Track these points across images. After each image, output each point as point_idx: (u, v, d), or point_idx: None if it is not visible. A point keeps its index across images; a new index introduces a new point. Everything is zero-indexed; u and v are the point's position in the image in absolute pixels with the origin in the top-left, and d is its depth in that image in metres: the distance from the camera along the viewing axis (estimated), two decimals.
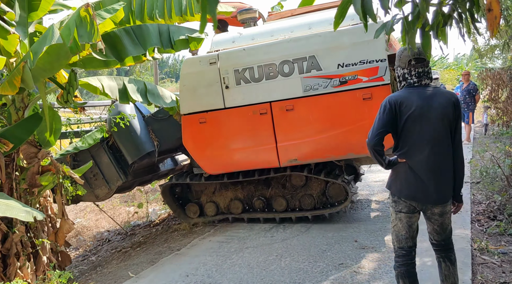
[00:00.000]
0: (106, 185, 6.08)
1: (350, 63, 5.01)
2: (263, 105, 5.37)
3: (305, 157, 5.40)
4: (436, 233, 2.97)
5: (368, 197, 6.83)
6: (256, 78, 5.36)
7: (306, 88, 5.20)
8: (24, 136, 4.47)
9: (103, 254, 6.49)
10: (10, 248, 4.76)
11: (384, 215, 5.77)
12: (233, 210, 6.14)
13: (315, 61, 5.12)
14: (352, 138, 5.13)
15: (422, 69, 2.86)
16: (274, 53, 5.26)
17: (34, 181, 4.87)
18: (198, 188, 6.44)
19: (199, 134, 5.70)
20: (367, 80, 4.98)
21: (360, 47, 4.96)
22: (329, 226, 5.55)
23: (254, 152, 5.54)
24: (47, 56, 4.10)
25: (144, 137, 6.01)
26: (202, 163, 5.80)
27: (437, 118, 2.78)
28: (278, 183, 6.06)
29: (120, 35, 4.94)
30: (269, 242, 5.18)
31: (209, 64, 5.50)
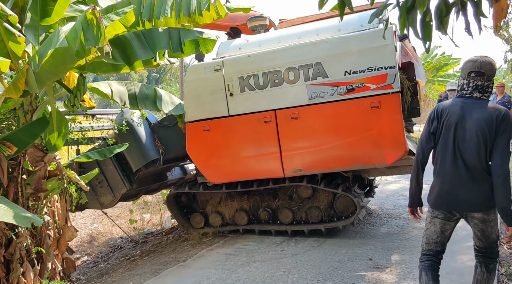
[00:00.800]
0: (110, 192, 5.98)
1: (358, 70, 4.81)
2: (268, 113, 5.21)
3: (310, 167, 5.19)
4: (477, 238, 2.98)
5: (388, 211, 6.48)
6: (261, 86, 5.21)
7: (312, 96, 5.01)
8: (29, 140, 4.40)
9: (113, 261, 6.39)
10: (14, 253, 4.70)
11: (403, 232, 5.43)
12: (238, 221, 5.96)
13: (321, 68, 4.94)
14: (359, 148, 4.92)
15: (480, 83, 2.83)
16: (280, 59, 5.11)
17: (40, 185, 4.80)
18: (204, 197, 6.29)
19: (203, 143, 5.57)
20: (375, 88, 4.77)
21: (368, 53, 4.75)
22: (343, 241, 5.27)
23: (258, 161, 5.36)
24: (53, 59, 4.02)
25: (149, 145, 5.91)
26: (206, 172, 5.66)
27: (471, 130, 2.79)
28: (285, 194, 5.86)
29: (130, 39, 4.85)
30: (278, 257, 4.93)
31: (213, 71, 5.38)
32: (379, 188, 8.32)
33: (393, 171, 5.28)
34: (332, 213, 5.60)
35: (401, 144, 4.75)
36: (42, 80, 4.16)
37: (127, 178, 5.94)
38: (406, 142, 4.83)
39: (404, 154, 4.87)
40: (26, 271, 4.78)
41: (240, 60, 5.32)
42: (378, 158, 4.88)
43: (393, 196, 7.55)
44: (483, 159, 2.78)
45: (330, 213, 5.60)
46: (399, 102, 4.73)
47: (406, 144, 4.78)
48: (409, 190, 3.12)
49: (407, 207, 3.15)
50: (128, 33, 4.87)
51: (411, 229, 5.49)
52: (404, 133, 4.81)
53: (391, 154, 4.82)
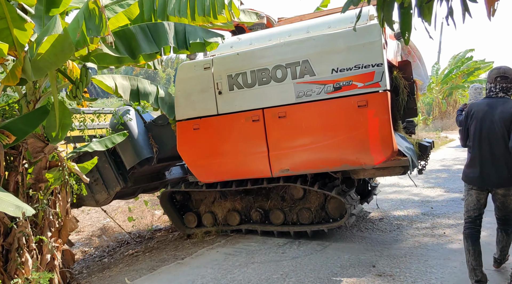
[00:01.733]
0: (105, 190, 6.00)
1: (345, 68, 4.68)
2: (256, 112, 5.12)
3: (298, 167, 5.07)
4: (498, 209, 3.73)
5: (401, 218, 6.19)
6: (249, 84, 5.13)
7: (299, 94, 4.90)
8: (29, 129, 4.38)
9: (117, 256, 6.35)
10: (13, 242, 4.69)
11: (413, 240, 5.15)
12: (230, 221, 5.90)
13: (308, 66, 4.83)
14: (346, 148, 4.78)
15: (505, 85, 3.53)
16: (267, 57, 5.03)
17: (41, 176, 4.79)
18: (198, 196, 6.26)
19: (192, 141, 5.52)
20: (363, 86, 4.62)
21: (355, 50, 4.63)
22: (348, 246, 5.04)
23: (246, 161, 5.28)
24: (52, 48, 3.98)
25: (143, 143, 5.89)
26: (196, 171, 5.61)
27: (496, 122, 3.46)
28: (277, 194, 5.76)
29: (135, 32, 4.78)
30: (278, 259, 4.76)
31: (203, 69, 5.35)
32: (393, 192, 8.03)
33: (383, 172, 5.08)
34: (324, 215, 5.47)
35: (389, 144, 4.60)
36: (42, 69, 4.12)
37: (122, 176, 5.95)
38: (394, 142, 4.65)
39: (392, 155, 4.70)
40: (25, 261, 4.79)
41: (229, 58, 5.27)
42: (365, 158, 4.74)
43: (408, 202, 7.24)
44: (506, 143, 3.42)
45: (322, 215, 5.47)
46: (387, 101, 4.57)
47: (393, 145, 4.63)
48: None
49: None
50: (133, 26, 4.81)
51: (421, 237, 5.21)
52: (392, 133, 4.62)
53: (378, 154, 4.67)
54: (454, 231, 5.30)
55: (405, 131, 6.04)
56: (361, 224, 5.99)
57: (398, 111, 5.48)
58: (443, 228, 5.47)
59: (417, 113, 5.64)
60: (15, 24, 4.13)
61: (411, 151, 5.16)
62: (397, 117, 5.52)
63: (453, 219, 5.83)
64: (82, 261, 6.80)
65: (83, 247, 7.71)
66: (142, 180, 6.47)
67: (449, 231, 5.34)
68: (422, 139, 6.00)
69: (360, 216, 6.44)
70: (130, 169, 5.94)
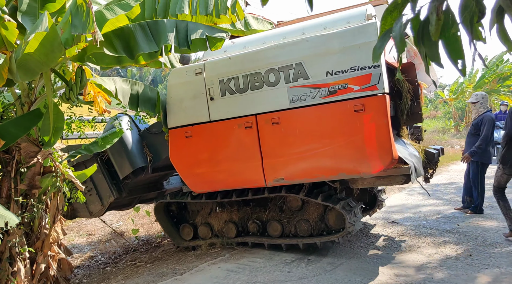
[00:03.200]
0: (99, 201, 5.78)
1: (340, 71, 4.40)
2: (248, 118, 4.88)
3: (293, 176, 4.79)
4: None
5: (423, 235, 5.67)
6: (241, 89, 4.89)
7: (293, 99, 4.64)
8: (20, 133, 4.14)
9: (121, 265, 6.08)
10: (4, 251, 4.48)
11: (435, 262, 4.64)
12: (227, 233, 5.63)
13: (302, 69, 4.57)
14: (343, 156, 4.50)
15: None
16: (260, 61, 4.77)
17: (34, 182, 4.57)
18: (194, 207, 6.01)
19: (185, 150, 5.29)
20: (359, 89, 4.32)
21: (351, 52, 4.34)
22: (360, 267, 4.59)
23: (239, 170, 5.00)
24: (42, 47, 3.73)
25: (137, 152, 5.66)
26: (188, 181, 5.37)
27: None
28: (275, 205, 5.47)
29: (134, 30, 4.51)
30: (283, 279, 4.36)
31: (195, 74, 5.12)
32: (414, 206, 7.49)
33: (383, 181, 4.72)
34: (323, 227, 5.17)
35: (388, 151, 4.28)
36: (33, 70, 3.88)
37: (116, 186, 5.72)
38: (394, 149, 4.32)
39: (392, 162, 4.34)
40: (17, 270, 4.57)
41: (221, 62, 5.03)
42: (363, 166, 4.42)
43: (431, 215, 6.69)
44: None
45: (321, 226, 5.18)
46: (385, 105, 4.27)
47: (393, 151, 4.30)
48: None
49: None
50: (132, 24, 4.53)
51: (444, 260, 4.70)
52: (392, 139, 4.29)
53: (377, 162, 4.35)
54: (482, 256, 4.76)
55: (412, 138, 5.73)
56: (377, 241, 5.51)
57: (401, 116, 5.18)
58: (469, 250, 4.93)
59: (422, 119, 5.30)
60: (1, 22, 3.90)
61: (415, 158, 4.84)
62: (401, 122, 5.27)
63: (480, 239, 5.27)
64: (87, 268, 6.58)
65: (91, 252, 7.52)
66: (138, 190, 6.25)
67: (476, 253, 4.80)
68: (429, 146, 5.70)
69: (378, 233, 5.96)
70: (124, 179, 5.70)
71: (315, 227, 5.19)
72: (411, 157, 4.75)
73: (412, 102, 5.15)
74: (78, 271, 6.41)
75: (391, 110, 5.05)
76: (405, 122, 5.27)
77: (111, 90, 4.80)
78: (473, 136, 6.47)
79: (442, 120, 29.73)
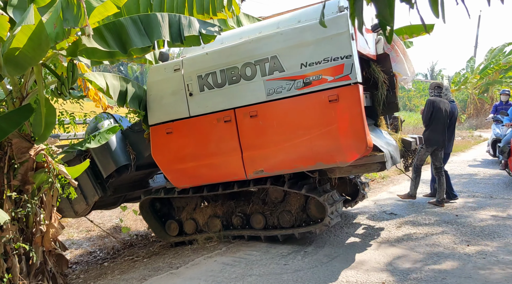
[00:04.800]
0: (84, 200, 5.77)
1: (314, 62, 4.48)
2: (227, 112, 4.94)
3: (272, 167, 4.86)
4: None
5: (419, 225, 5.63)
6: (219, 84, 4.95)
7: (270, 92, 4.70)
8: (10, 128, 4.11)
9: (118, 260, 6.07)
10: None
11: (432, 257, 4.60)
12: (212, 227, 5.68)
13: (277, 61, 4.64)
14: (320, 146, 4.58)
15: None
16: (236, 55, 4.84)
17: (27, 177, 4.55)
18: (179, 204, 6.07)
19: (166, 146, 5.34)
20: (333, 79, 4.41)
21: (324, 43, 4.43)
22: (358, 259, 4.56)
23: (220, 163, 5.06)
24: (30, 41, 3.70)
25: (120, 151, 5.67)
26: (170, 176, 5.44)
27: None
28: (259, 198, 5.56)
29: (126, 24, 4.45)
30: (279, 272, 4.33)
31: (173, 71, 5.17)
32: None
33: (360, 169, 4.86)
34: (305, 217, 5.27)
35: (362, 139, 4.38)
36: (21, 65, 3.84)
37: (100, 185, 5.72)
38: (369, 137, 4.42)
39: (367, 150, 4.44)
40: (12, 266, 4.56)
41: (198, 58, 5.08)
42: (339, 155, 4.52)
43: (430, 209, 6.63)
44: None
45: (303, 217, 5.27)
46: (358, 94, 4.37)
47: (367, 140, 4.39)
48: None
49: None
50: (124, 18, 4.48)
51: (442, 250, 4.65)
52: (366, 128, 4.38)
53: (352, 150, 4.45)
54: (483, 247, 4.71)
55: (391, 128, 5.87)
56: (376, 233, 5.47)
57: (378, 106, 5.32)
58: (468, 238, 4.89)
59: (398, 108, 5.53)
60: None
61: (392, 147, 4.96)
62: (378, 112, 5.42)
63: (478, 230, 5.23)
64: (85, 263, 6.57)
65: (90, 247, 7.52)
66: (123, 188, 6.25)
67: (474, 243, 4.76)
68: (406, 135, 5.86)
69: (375, 225, 5.92)
70: (108, 177, 5.71)
71: (297, 218, 5.25)
72: (387, 146, 4.85)
73: (388, 92, 5.29)
74: (76, 266, 6.40)
75: (367, 100, 5.25)
76: (382, 112, 5.43)
77: (102, 87, 4.77)
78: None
79: None
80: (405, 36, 9.25)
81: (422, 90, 30.38)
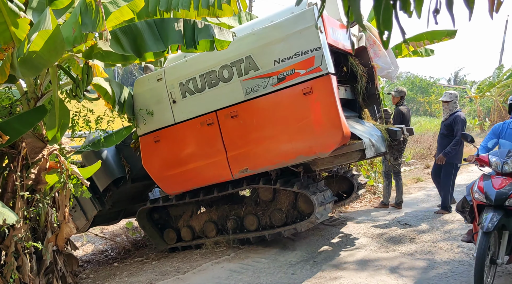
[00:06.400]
0: (83, 216, 5.89)
1: (286, 58, 4.60)
2: (209, 116, 5.06)
3: (255, 165, 4.94)
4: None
5: (434, 237, 5.47)
6: (199, 88, 5.09)
7: (247, 91, 4.83)
8: (24, 129, 4.17)
9: (128, 261, 6.10)
10: (9, 245, 4.53)
11: (445, 267, 4.47)
12: (208, 233, 5.74)
13: (251, 61, 4.77)
14: (298, 139, 4.66)
15: None
16: (213, 59, 4.95)
17: (40, 177, 4.60)
18: (176, 212, 6.16)
19: (155, 154, 5.46)
20: (305, 72, 4.52)
21: (293, 38, 4.54)
22: (373, 271, 4.44)
23: (207, 166, 5.16)
24: (46, 44, 3.73)
25: (114, 164, 5.80)
26: (161, 184, 5.56)
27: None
28: (251, 199, 5.66)
29: (142, 28, 4.46)
30: (286, 282, 4.27)
31: (156, 81, 5.32)
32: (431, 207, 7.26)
33: (341, 159, 4.88)
34: (296, 213, 5.31)
35: (338, 128, 4.44)
36: (36, 66, 3.88)
37: (98, 200, 5.82)
38: (345, 126, 4.46)
39: (344, 138, 4.49)
40: (22, 265, 4.62)
41: (179, 66, 5.23)
42: (317, 146, 4.59)
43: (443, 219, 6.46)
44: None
45: (294, 214, 5.31)
46: (331, 84, 4.44)
47: (343, 128, 4.45)
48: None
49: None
50: (140, 22, 4.49)
51: (460, 259, 4.51)
52: (341, 116, 4.43)
53: (329, 140, 4.52)
54: None
55: (380, 121, 5.98)
56: (389, 243, 5.35)
57: (358, 98, 5.43)
58: None
59: (379, 100, 5.59)
60: (11, 19, 3.91)
61: (375, 136, 5.00)
62: (362, 105, 5.52)
63: None
64: (96, 263, 6.64)
65: (102, 246, 7.60)
66: (122, 202, 6.36)
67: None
68: (392, 125, 5.91)
69: (385, 234, 5.79)
70: (105, 191, 5.82)
71: (288, 215, 5.31)
72: (368, 135, 4.89)
73: (367, 85, 5.39)
74: (87, 265, 6.47)
75: (348, 93, 5.33)
76: (365, 104, 5.55)
77: (108, 91, 4.81)
78: (446, 138, 6.39)
79: (467, 118, 28.97)
80: (425, 42, 9.09)
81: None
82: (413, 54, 9.26)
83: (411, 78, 37.18)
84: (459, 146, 6.22)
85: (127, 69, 42.24)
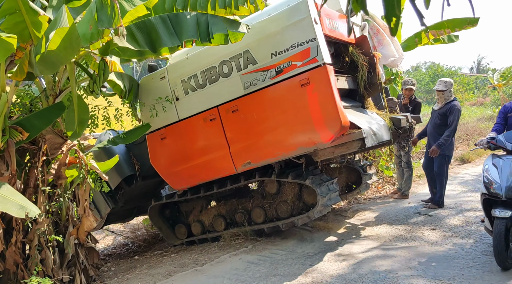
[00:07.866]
0: (98, 213, 6.00)
1: (282, 50, 4.66)
2: (211, 111, 5.16)
3: (258, 158, 5.02)
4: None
5: (454, 227, 5.38)
6: (201, 85, 5.19)
7: (246, 85, 4.90)
8: (43, 125, 4.28)
9: (148, 254, 6.20)
10: (33, 239, 4.65)
11: (466, 258, 4.39)
12: (217, 227, 5.82)
13: (249, 55, 4.84)
14: (298, 131, 4.70)
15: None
16: (213, 55, 5.04)
17: (60, 172, 4.70)
18: (186, 208, 6.26)
19: (162, 151, 5.60)
20: (302, 64, 4.57)
21: (289, 30, 4.60)
22: (388, 261, 4.40)
23: (211, 161, 5.24)
24: (62, 41, 3.80)
25: (124, 162, 5.91)
26: (169, 180, 5.67)
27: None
28: (258, 192, 5.73)
29: (156, 23, 4.50)
30: (303, 273, 4.27)
31: (160, 79, 5.45)
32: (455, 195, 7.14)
33: (341, 149, 4.82)
34: (301, 205, 5.39)
35: (336, 118, 4.47)
36: (53, 64, 3.96)
37: (111, 198, 5.93)
38: (343, 116, 4.48)
39: (342, 128, 4.50)
40: (46, 258, 4.74)
41: (180, 63, 5.34)
42: (316, 137, 4.64)
43: (468, 209, 6.34)
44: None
45: (299, 205, 5.39)
46: (327, 74, 4.49)
47: (342, 118, 4.47)
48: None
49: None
50: (154, 17, 4.52)
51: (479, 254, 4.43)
52: (338, 106, 4.46)
53: (327, 130, 4.55)
54: None
55: (386, 110, 5.94)
56: (408, 234, 5.29)
57: (360, 88, 5.43)
58: None
59: (380, 88, 5.57)
60: (30, 17, 4.00)
61: (376, 125, 4.98)
62: (364, 95, 5.52)
63: None
64: (117, 256, 6.77)
65: (123, 239, 7.73)
66: (135, 200, 6.46)
67: None
68: (397, 114, 5.88)
69: (404, 224, 5.72)
70: (116, 189, 5.93)
71: (293, 207, 5.36)
72: (369, 123, 4.89)
73: (369, 74, 5.40)
74: (109, 259, 6.60)
75: (349, 83, 5.30)
76: (367, 94, 5.56)
77: (120, 85, 4.88)
78: (438, 127, 6.08)
79: (490, 107, 28.23)
80: (446, 30, 8.89)
81: (466, 84, 29.18)
82: (435, 42, 9.07)
83: (433, 67, 36.49)
84: (452, 136, 6.00)
85: (145, 66, 42.81)
